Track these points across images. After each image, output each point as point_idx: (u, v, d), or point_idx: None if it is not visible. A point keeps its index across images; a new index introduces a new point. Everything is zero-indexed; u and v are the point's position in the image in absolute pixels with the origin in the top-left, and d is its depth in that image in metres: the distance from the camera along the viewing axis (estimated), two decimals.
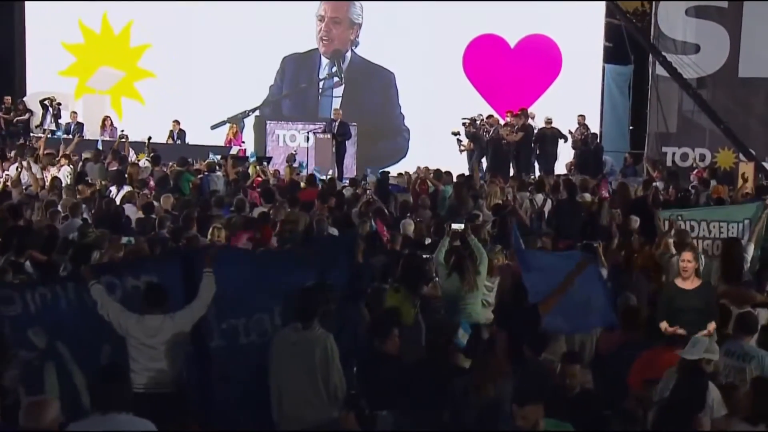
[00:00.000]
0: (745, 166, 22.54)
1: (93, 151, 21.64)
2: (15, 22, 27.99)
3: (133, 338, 8.00)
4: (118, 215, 15.16)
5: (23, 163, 19.32)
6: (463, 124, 25.23)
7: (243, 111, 27.64)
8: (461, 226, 11.17)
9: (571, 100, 26.04)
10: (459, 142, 25.33)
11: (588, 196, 17.93)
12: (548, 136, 24.96)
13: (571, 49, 27.16)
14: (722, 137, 24.37)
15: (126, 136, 23.59)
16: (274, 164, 23.89)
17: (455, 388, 7.66)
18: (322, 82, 28.33)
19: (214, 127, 27.22)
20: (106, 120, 26.68)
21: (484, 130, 25.16)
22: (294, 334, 7.86)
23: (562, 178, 19.75)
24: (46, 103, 26.68)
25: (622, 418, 7.90)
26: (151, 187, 18.87)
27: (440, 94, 26.90)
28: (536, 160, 25.21)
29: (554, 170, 24.37)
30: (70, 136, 24.81)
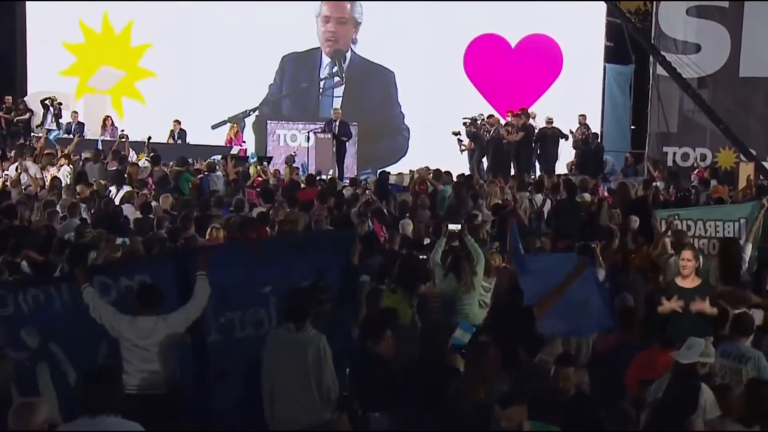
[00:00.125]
0: (745, 167, 22.48)
1: (93, 151, 21.64)
2: (16, 22, 28.03)
3: (126, 340, 7.99)
4: (117, 215, 15.16)
5: (23, 163, 19.32)
6: (463, 124, 25.20)
7: (244, 111, 27.64)
8: (458, 226, 11.14)
9: (572, 100, 25.98)
10: (460, 141, 25.29)
11: (587, 196, 17.90)
12: (549, 135, 24.91)
13: (572, 48, 27.11)
14: (723, 137, 24.31)
15: (126, 136, 23.58)
16: (275, 164, 23.88)
17: (448, 390, 7.64)
18: (322, 82, 28.31)
19: (214, 127, 27.22)
20: (107, 120, 26.68)
21: (485, 130, 25.12)
22: (287, 335, 7.83)
23: (562, 178, 19.73)
24: (47, 102, 26.72)
25: (617, 418, 7.88)
26: (151, 187, 18.87)
27: (440, 94, 26.85)
28: (537, 160, 25.18)
29: (555, 170, 24.33)
30: (71, 136, 24.85)
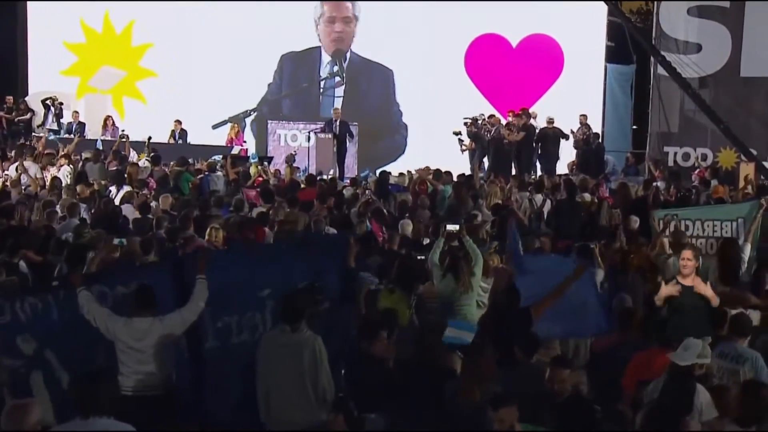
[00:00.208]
0: (746, 167, 22.47)
1: (92, 151, 21.63)
2: (17, 22, 28.09)
3: (121, 342, 7.98)
4: (116, 215, 15.13)
5: (23, 163, 19.33)
6: (464, 124, 25.21)
7: (244, 111, 27.64)
8: (456, 227, 11.11)
9: (573, 100, 25.95)
10: (460, 141, 25.31)
11: (588, 196, 17.88)
12: (550, 135, 24.90)
13: (573, 48, 27.11)
14: (724, 137, 24.29)
15: (126, 136, 23.60)
16: (275, 164, 23.87)
17: (445, 391, 7.64)
18: (323, 82, 28.30)
19: (215, 127, 27.23)
20: (108, 120, 26.74)
21: (486, 130, 25.12)
22: (282, 336, 7.82)
23: (563, 178, 19.72)
24: (48, 102, 26.75)
25: (613, 419, 7.88)
26: (151, 187, 18.88)
27: (441, 94, 26.85)
28: (538, 160, 25.17)
29: (556, 170, 24.32)
30: (72, 136, 24.86)
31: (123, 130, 24.73)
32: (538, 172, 24.10)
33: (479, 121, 25.31)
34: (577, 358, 10.28)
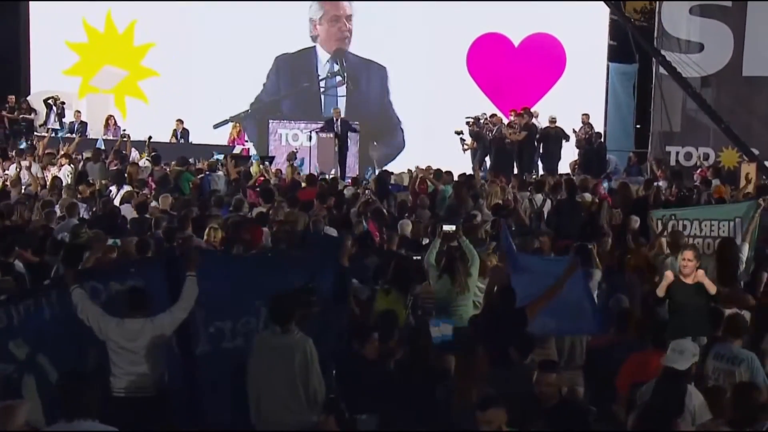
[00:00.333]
0: (747, 166, 22.41)
1: (93, 151, 21.63)
2: (19, 21, 28.17)
3: (113, 342, 7.96)
4: (114, 215, 15.10)
5: (22, 163, 19.34)
6: (466, 123, 25.19)
7: (246, 110, 27.63)
8: (453, 227, 11.08)
9: (576, 99, 25.88)
10: (462, 141, 25.30)
11: (588, 196, 17.83)
12: (552, 135, 24.86)
13: (576, 47, 27.01)
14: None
15: (128, 136, 23.60)
16: (277, 163, 23.85)
17: (438, 392, 7.62)
18: (323, 81, 28.26)
19: (216, 126, 27.21)
20: (110, 119, 26.75)
21: (488, 129, 25.10)
22: (273, 338, 7.81)
23: (564, 178, 19.67)
24: (50, 102, 26.76)
25: (606, 419, 7.86)
26: (151, 186, 18.86)
27: (442, 93, 26.81)
28: (540, 160, 25.12)
29: (558, 170, 24.26)
30: (74, 135, 24.87)
31: (124, 130, 24.75)
32: (540, 172, 24.05)
33: (481, 121, 25.28)
34: (573, 358, 10.28)
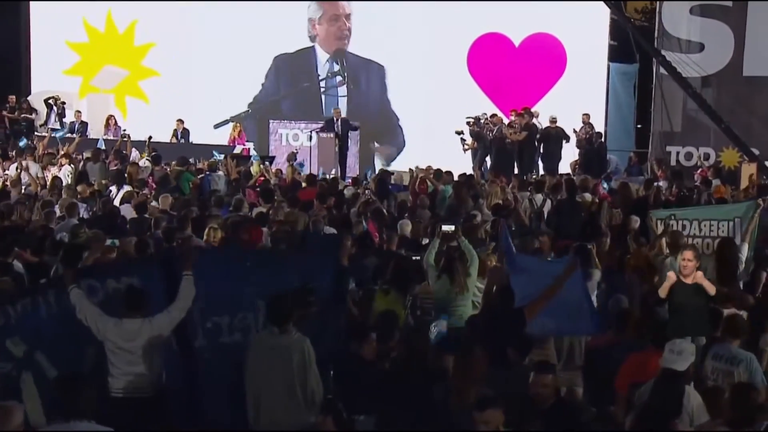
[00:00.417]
0: (748, 167, 22.39)
1: (93, 151, 21.62)
2: (20, 21, 28.23)
3: (111, 342, 7.97)
4: (114, 215, 15.09)
5: (22, 162, 19.34)
6: (467, 123, 25.18)
7: (246, 110, 27.63)
8: (452, 227, 11.08)
9: (576, 99, 25.83)
10: (463, 141, 25.29)
11: (588, 196, 17.82)
12: (552, 135, 24.85)
13: (576, 47, 26.96)
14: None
15: (128, 136, 23.61)
16: (277, 163, 23.85)
17: (436, 393, 7.61)
18: (323, 81, 28.26)
19: (217, 126, 27.21)
20: (110, 119, 26.76)
21: (488, 129, 25.09)
22: (270, 338, 7.81)
23: (564, 178, 19.65)
24: (51, 102, 26.79)
25: (604, 420, 7.86)
26: (152, 186, 18.86)
27: (442, 93, 26.78)
28: (540, 160, 25.11)
29: (558, 170, 24.24)
30: (74, 135, 24.87)
31: (125, 130, 24.76)
32: (540, 172, 24.04)
33: (482, 121, 25.27)
34: (572, 359, 10.27)
